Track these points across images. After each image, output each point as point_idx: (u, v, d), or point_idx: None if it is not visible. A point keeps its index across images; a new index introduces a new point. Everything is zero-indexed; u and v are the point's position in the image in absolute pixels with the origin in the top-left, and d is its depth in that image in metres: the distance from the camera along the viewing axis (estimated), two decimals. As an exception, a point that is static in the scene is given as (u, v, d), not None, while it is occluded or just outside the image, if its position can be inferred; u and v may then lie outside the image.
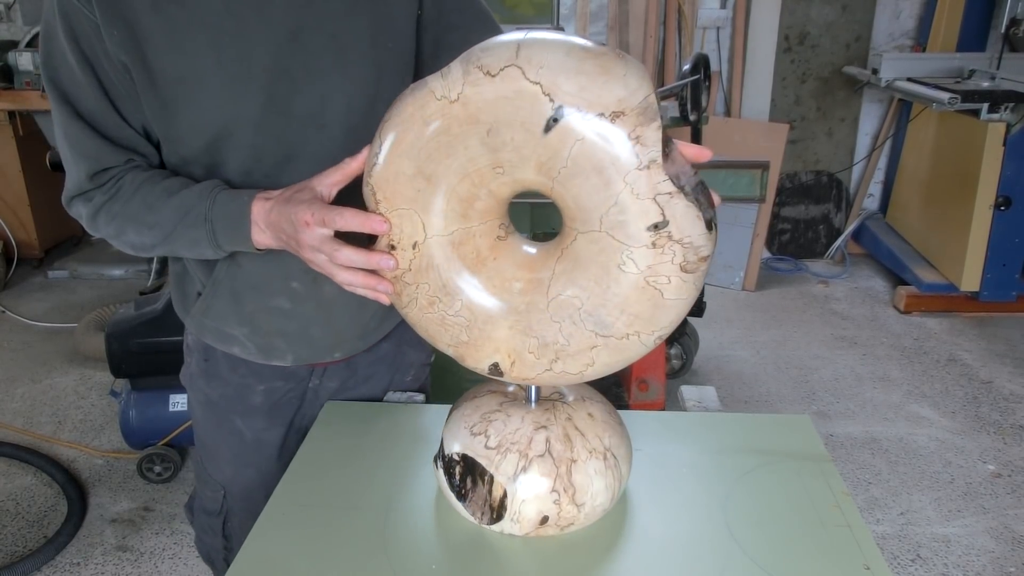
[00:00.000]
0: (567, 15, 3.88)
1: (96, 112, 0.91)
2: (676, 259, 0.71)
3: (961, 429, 2.60)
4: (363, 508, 0.91)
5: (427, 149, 0.74)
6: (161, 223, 0.93)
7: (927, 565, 2.03)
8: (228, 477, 1.21)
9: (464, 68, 0.71)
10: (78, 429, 2.63)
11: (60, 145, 0.95)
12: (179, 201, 0.92)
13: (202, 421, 1.20)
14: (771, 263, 3.99)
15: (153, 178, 0.95)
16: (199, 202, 0.91)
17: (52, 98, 0.92)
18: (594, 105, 0.67)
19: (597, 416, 0.89)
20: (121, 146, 0.94)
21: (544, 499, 0.84)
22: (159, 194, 0.93)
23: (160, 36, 0.87)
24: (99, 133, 0.92)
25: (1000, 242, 3.22)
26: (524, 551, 0.85)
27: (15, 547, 2.10)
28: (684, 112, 2.49)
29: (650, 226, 0.70)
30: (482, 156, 0.73)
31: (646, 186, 0.68)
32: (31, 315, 3.47)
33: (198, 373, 1.16)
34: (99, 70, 0.89)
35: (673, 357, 2.84)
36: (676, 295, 0.73)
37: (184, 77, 0.89)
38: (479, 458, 0.85)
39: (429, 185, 0.76)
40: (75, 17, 0.87)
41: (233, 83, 0.90)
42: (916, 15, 3.88)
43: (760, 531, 0.86)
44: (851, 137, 4.00)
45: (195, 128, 0.92)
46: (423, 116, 0.74)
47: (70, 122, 0.91)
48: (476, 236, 0.79)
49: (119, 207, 0.94)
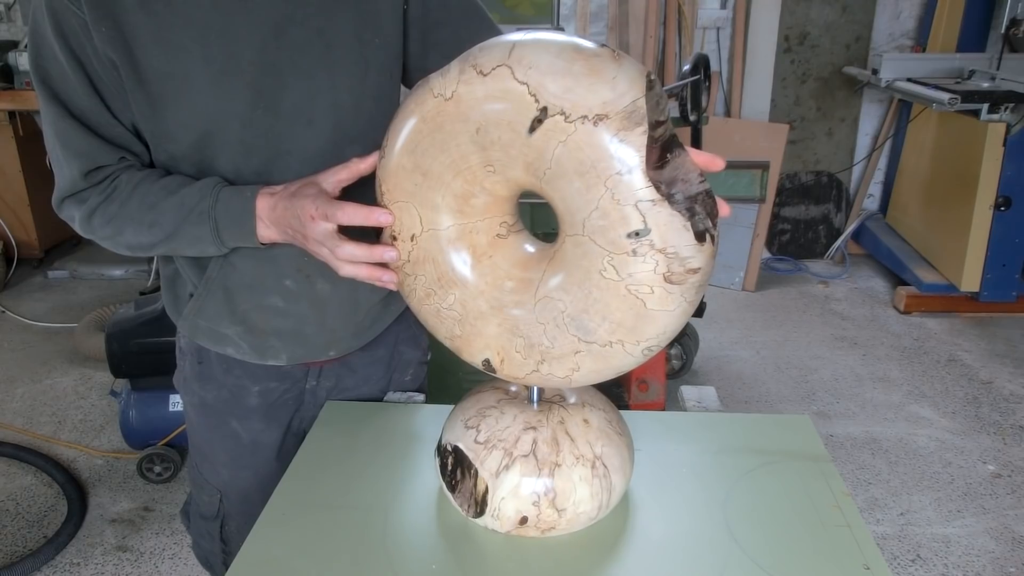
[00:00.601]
0: (567, 15, 3.88)
1: (88, 110, 0.91)
2: (659, 269, 0.69)
3: (961, 429, 2.60)
4: (363, 508, 0.91)
5: (423, 145, 0.76)
6: (162, 222, 0.93)
7: (927, 565, 2.03)
8: (225, 480, 1.20)
9: (460, 67, 0.72)
10: (78, 429, 2.63)
11: (51, 145, 0.94)
12: (180, 199, 0.92)
13: (197, 425, 1.19)
14: (771, 263, 3.99)
15: (150, 177, 0.94)
16: (201, 199, 0.91)
17: (42, 97, 0.91)
18: (578, 107, 0.66)
19: (593, 423, 0.88)
20: (114, 144, 0.93)
21: (523, 499, 0.84)
22: (158, 192, 0.93)
23: (147, 33, 0.87)
24: (91, 131, 0.92)
25: (1000, 242, 3.22)
26: (524, 551, 0.85)
27: (15, 547, 2.10)
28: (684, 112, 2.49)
29: (631, 233, 0.68)
30: (473, 154, 0.74)
31: (626, 192, 0.67)
32: (31, 315, 3.47)
33: (192, 376, 1.15)
34: (89, 68, 0.89)
35: (673, 357, 2.85)
36: (660, 306, 0.71)
37: (172, 73, 0.89)
38: (468, 451, 0.87)
39: (426, 180, 0.77)
40: (64, 15, 0.86)
41: (220, 79, 0.90)
42: (916, 15, 3.88)
43: (760, 531, 0.86)
44: (851, 137, 4.00)
45: (184, 125, 0.92)
46: (422, 112, 0.75)
47: (61, 120, 0.91)
48: (474, 232, 0.79)
49: (116, 207, 0.94)
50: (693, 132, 2.63)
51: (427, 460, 0.98)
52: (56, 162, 0.95)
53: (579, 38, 0.71)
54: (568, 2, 3.86)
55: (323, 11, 0.92)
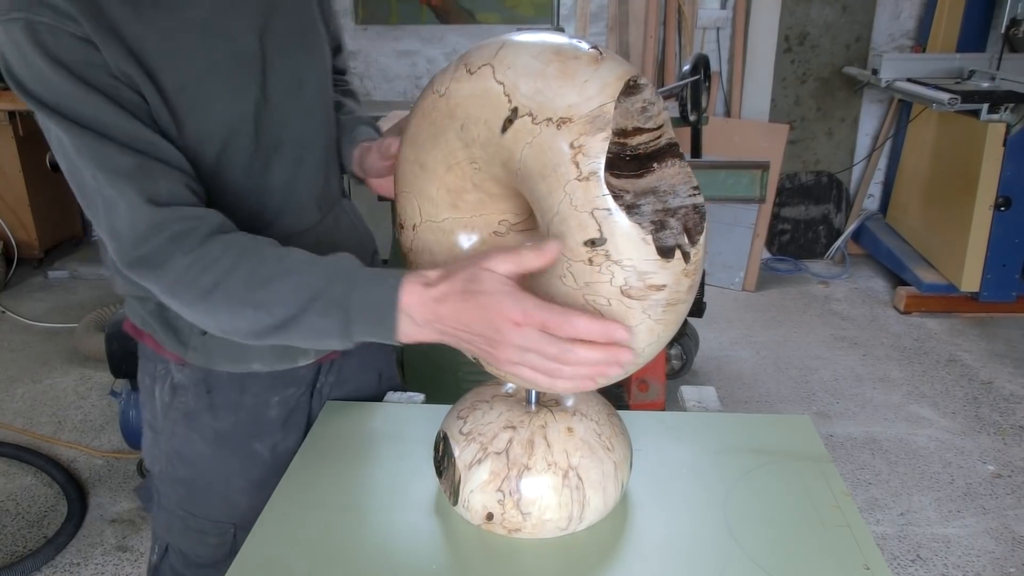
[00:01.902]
0: (567, 15, 3.88)
1: (124, 126, 0.78)
2: (615, 281, 0.66)
3: (961, 429, 2.60)
4: (363, 508, 0.91)
5: (421, 138, 0.78)
6: (274, 304, 0.76)
7: (927, 565, 2.02)
8: (243, 511, 1.05)
9: (456, 64, 0.73)
10: (78, 429, 2.63)
11: (88, 183, 0.78)
12: (299, 279, 0.76)
13: (209, 460, 1.06)
14: (771, 263, 3.99)
15: (256, 244, 0.79)
16: (330, 283, 0.76)
17: (63, 128, 0.77)
18: (544, 109, 0.66)
19: (578, 433, 0.85)
20: (167, 163, 0.80)
21: (489, 496, 0.84)
22: (272, 266, 0.77)
23: (151, 44, 0.80)
24: (135, 150, 0.78)
25: (1000, 242, 3.22)
26: (524, 551, 0.85)
27: (15, 547, 2.10)
28: (684, 113, 2.49)
29: (587, 241, 0.66)
30: (460, 150, 0.75)
31: (584, 199, 0.65)
32: (31, 315, 3.47)
33: (200, 409, 1.03)
34: (106, 86, 0.78)
35: (673, 357, 2.85)
36: (620, 320, 0.68)
37: (184, 85, 0.83)
38: (452, 440, 0.88)
39: (423, 172, 0.79)
40: (57, 37, 0.75)
41: (230, 82, 0.87)
42: (916, 15, 3.88)
43: (760, 531, 0.86)
44: (851, 137, 4.00)
45: (208, 138, 0.86)
46: (422, 107, 0.77)
47: (94, 144, 0.77)
48: (469, 227, 0.81)
49: (210, 279, 0.77)
50: (693, 132, 2.63)
51: (427, 460, 0.98)
52: (101, 206, 0.78)
53: (574, 39, 0.70)
54: (568, 2, 3.86)
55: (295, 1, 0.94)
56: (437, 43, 3.96)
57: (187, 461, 1.07)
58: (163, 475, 1.09)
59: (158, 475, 1.10)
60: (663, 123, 0.68)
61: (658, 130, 0.67)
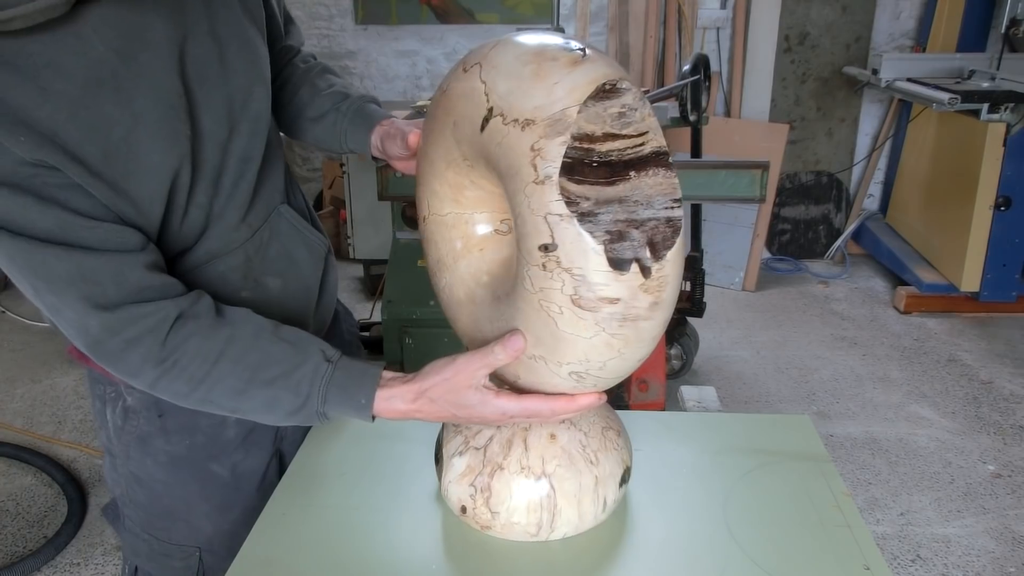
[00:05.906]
0: (567, 15, 3.88)
1: (49, 223, 0.73)
2: (566, 289, 0.65)
3: (961, 429, 2.60)
4: (363, 508, 0.91)
5: (428, 133, 0.81)
6: (250, 412, 0.85)
7: (927, 565, 2.02)
8: (208, 534, 1.05)
9: (459, 62, 0.75)
10: (78, 429, 2.63)
11: (26, 291, 0.76)
12: (273, 396, 0.83)
13: (166, 485, 1.03)
14: (771, 263, 3.99)
15: (219, 344, 0.81)
16: (305, 403, 0.83)
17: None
18: (513, 110, 0.66)
19: (560, 442, 0.84)
20: (107, 250, 0.76)
21: (463, 488, 0.86)
22: (241, 374, 0.82)
23: (61, 120, 0.72)
24: (71, 246, 0.74)
25: (1000, 242, 3.22)
26: (524, 551, 0.85)
27: (15, 547, 2.10)
28: (684, 112, 2.49)
29: (540, 245, 0.66)
30: (454, 147, 0.76)
31: (539, 202, 0.65)
32: (31, 315, 3.47)
33: (152, 433, 1.00)
34: (27, 182, 0.72)
35: (673, 357, 2.85)
36: (572, 330, 0.67)
37: (108, 152, 0.75)
38: (446, 428, 0.92)
39: (430, 167, 0.81)
40: None
41: (159, 129, 0.79)
42: (916, 15, 3.87)
43: (760, 531, 0.86)
44: (851, 137, 4.00)
45: (150, 195, 0.80)
46: (432, 102, 0.80)
47: (30, 250, 0.73)
48: (469, 223, 0.82)
49: (183, 386, 0.82)
50: (693, 132, 2.63)
51: (427, 460, 0.98)
52: (48, 311, 0.77)
53: (569, 41, 0.69)
54: (568, 2, 3.86)
55: (209, 14, 0.84)
56: (437, 43, 3.96)
57: (145, 485, 1.04)
58: (124, 499, 1.07)
59: (120, 498, 1.08)
60: (647, 130, 0.66)
61: (639, 137, 0.65)
